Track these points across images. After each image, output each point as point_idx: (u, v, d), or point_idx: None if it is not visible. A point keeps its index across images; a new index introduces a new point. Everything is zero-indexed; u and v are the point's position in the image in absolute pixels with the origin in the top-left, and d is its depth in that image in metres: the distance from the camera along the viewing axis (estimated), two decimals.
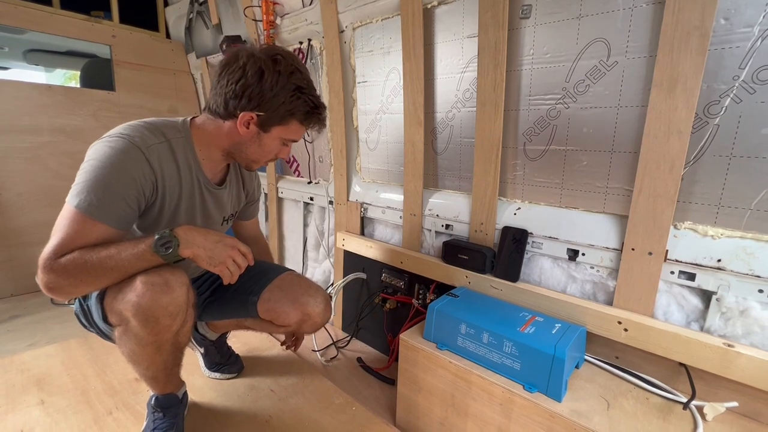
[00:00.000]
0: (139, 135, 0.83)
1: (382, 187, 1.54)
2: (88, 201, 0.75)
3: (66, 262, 0.74)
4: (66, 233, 0.75)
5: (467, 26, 1.14)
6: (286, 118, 0.88)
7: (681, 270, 0.88)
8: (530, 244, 1.11)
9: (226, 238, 0.85)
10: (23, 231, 2.02)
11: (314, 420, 1.13)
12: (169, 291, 0.80)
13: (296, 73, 0.87)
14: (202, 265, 0.82)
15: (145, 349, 0.86)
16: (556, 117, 1.02)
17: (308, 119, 0.92)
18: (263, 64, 0.83)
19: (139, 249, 0.77)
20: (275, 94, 0.84)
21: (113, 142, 0.80)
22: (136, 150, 0.81)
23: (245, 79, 0.83)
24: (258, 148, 0.93)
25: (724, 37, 0.77)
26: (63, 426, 1.08)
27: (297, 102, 0.87)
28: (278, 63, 0.84)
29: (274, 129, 0.90)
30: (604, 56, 0.92)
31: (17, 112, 1.98)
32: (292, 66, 0.86)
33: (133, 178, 0.80)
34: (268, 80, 0.83)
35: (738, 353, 0.77)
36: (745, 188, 0.80)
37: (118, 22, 2.31)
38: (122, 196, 0.79)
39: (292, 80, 0.86)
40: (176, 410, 1.01)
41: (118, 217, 0.79)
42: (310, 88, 0.89)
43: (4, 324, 1.72)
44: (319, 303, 1.10)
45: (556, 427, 0.81)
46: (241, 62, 0.84)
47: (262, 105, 0.85)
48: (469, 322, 0.98)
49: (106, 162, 0.78)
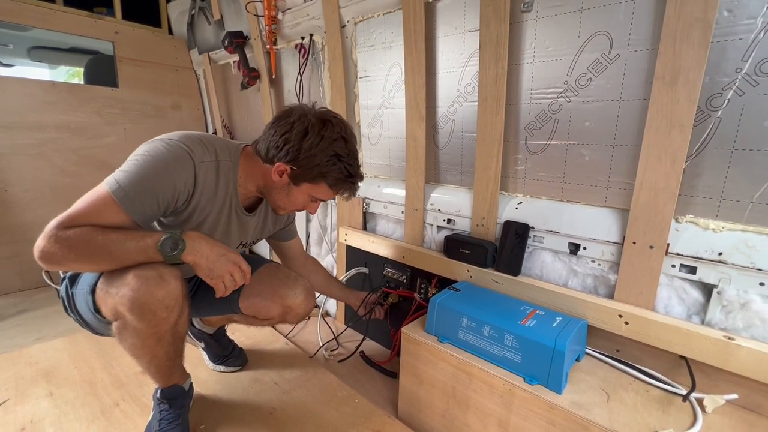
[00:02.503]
0: (196, 149, 0.87)
1: (384, 182, 1.54)
2: (126, 191, 0.77)
3: (72, 234, 0.74)
4: (86, 208, 0.77)
5: (468, 20, 1.14)
6: (318, 178, 0.92)
7: (682, 263, 0.88)
8: (531, 239, 1.12)
9: (230, 252, 0.86)
10: (30, 227, 2.05)
11: (317, 412, 1.15)
12: (163, 284, 0.81)
13: (339, 141, 0.90)
14: (199, 273, 0.83)
15: (146, 342, 0.87)
16: (557, 111, 1.02)
17: (338, 185, 0.94)
18: (311, 125, 0.88)
19: (145, 243, 0.78)
20: (312, 155, 0.88)
21: (172, 147, 0.83)
22: (189, 161, 0.84)
23: (289, 134, 0.88)
24: (286, 198, 0.97)
25: (727, 29, 0.76)
26: (71, 417, 1.10)
27: (332, 167, 0.90)
28: (325, 127, 0.89)
29: (304, 185, 0.93)
30: (606, 49, 0.91)
31: (22, 109, 2.00)
32: (338, 134, 0.90)
33: (174, 185, 0.82)
34: (309, 140, 0.87)
35: (738, 346, 0.78)
36: (747, 181, 0.80)
37: (121, 19, 2.32)
38: (156, 197, 0.81)
39: (333, 147, 0.89)
40: (182, 402, 1.03)
41: (143, 213, 0.81)
42: (350, 158, 0.92)
43: (13, 318, 1.75)
44: (298, 294, 1.10)
45: (556, 419, 0.82)
46: (293, 118, 0.89)
47: (297, 161, 0.88)
48: (470, 316, 0.99)
49: (159, 161, 0.81)
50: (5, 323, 1.70)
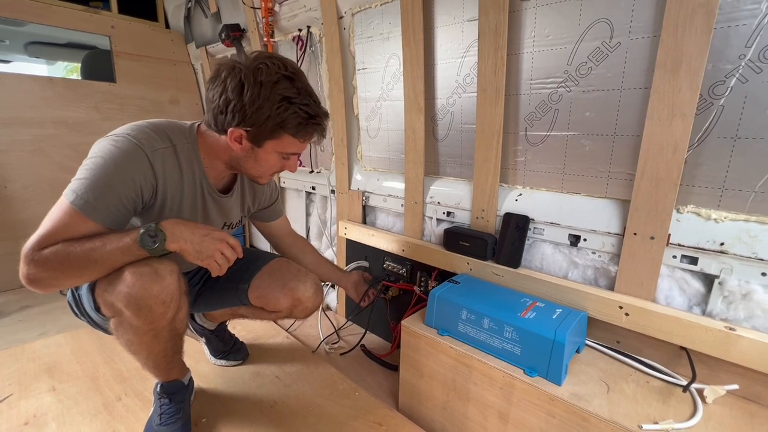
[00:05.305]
0: (146, 138, 0.81)
1: (384, 176, 1.53)
2: (84, 198, 0.74)
3: (48, 253, 0.72)
4: (53, 225, 0.74)
5: (467, 10, 1.12)
6: (277, 131, 0.83)
7: (683, 254, 0.88)
8: (532, 231, 1.11)
9: (214, 231, 0.84)
10: (30, 223, 2.05)
11: (318, 405, 1.15)
12: (159, 279, 0.80)
13: (282, 82, 0.79)
14: (189, 259, 0.81)
15: (142, 338, 0.87)
16: (557, 101, 1.01)
17: (302, 132, 0.85)
18: (243, 75, 0.78)
19: (124, 242, 0.76)
20: (259, 107, 0.79)
21: (119, 142, 0.79)
22: (140, 153, 0.79)
23: (226, 94, 0.79)
24: (256, 164, 0.89)
25: (730, 15, 0.75)
26: (74, 412, 1.11)
27: (286, 113, 0.80)
28: (259, 72, 0.78)
29: (267, 143, 0.85)
30: (607, 37, 0.90)
31: (20, 105, 1.99)
32: (278, 74, 0.79)
33: (133, 180, 0.79)
34: (248, 92, 0.78)
35: (739, 336, 0.77)
36: (750, 170, 0.79)
37: (117, 13, 2.29)
38: (119, 197, 0.77)
39: (278, 90, 0.79)
40: (182, 396, 1.03)
41: (110, 216, 0.77)
42: (302, 97, 0.82)
43: (15, 314, 1.76)
44: (309, 287, 1.09)
45: (556, 410, 0.82)
46: (224, 74, 0.79)
47: (247, 120, 0.80)
48: (470, 308, 0.98)
49: (109, 161, 0.76)
50: (8, 319, 1.71)
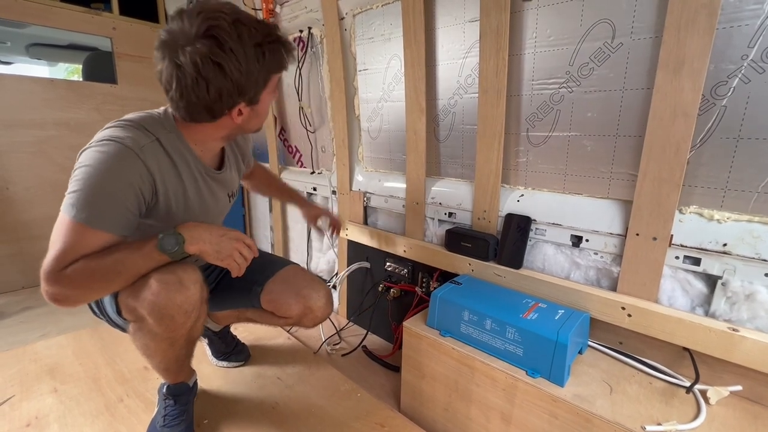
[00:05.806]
0: (129, 136, 0.77)
1: (385, 176, 1.53)
2: (86, 211, 0.72)
3: (72, 272, 0.72)
4: (65, 243, 0.72)
5: (469, 10, 1.12)
6: (266, 79, 0.82)
7: (686, 255, 0.87)
8: (533, 231, 1.11)
9: (230, 231, 0.85)
10: (32, 224, 2.05)
11: (320, 406, 1.15)
12: (183, 289, 0.80)
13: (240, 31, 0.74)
14: (209, 260, 0.81)
15: (159, 345, 0.88)
16: (559, 102, 1.01)
17: (283, 62, 0.84)
18: (213, 54, 0.72)
19: (145, 250, 0.76)
20: (248, 73, 0.76)
21: (104, 147, 0.75)
22: (129, 153, 0.76)
23: (216, 82, 0.74)
24: (257, 119, 0.90)
25: (733, 15, 0.74)
26: (76, 413, 1.11)
27: (265, 60, 0.79)
28: (223, 44, 0.72)
29: (263, 95, 0.85)
30: (609, 38, 0.89)
31: (21, 107, 1.99)
32: (230, 28, 0.73)
33: (130, 183, 0.76)
34: (229, 68, 0.74)
35: (743, 337, 0.77)
36: (753, 171, 0.79)
37: (118, 14, 2.29)
38: (121, 202, 0.75)
39: (246, 44, 0.75)
40: (187, 398, 1.04)
41: (118, 223, 0.76)
42: (262, 33, 0.77)
43: (17, 315, 1.76)
44: (321, 297, 1.09)
45: (559, 412, 0.82)
46: (189, 69, 0.72)
47: (243, 92, 0.79)
48: (472, 309, 0.98)
49: (100, 168, 0.73)
50: (10, 320, 1.71)
